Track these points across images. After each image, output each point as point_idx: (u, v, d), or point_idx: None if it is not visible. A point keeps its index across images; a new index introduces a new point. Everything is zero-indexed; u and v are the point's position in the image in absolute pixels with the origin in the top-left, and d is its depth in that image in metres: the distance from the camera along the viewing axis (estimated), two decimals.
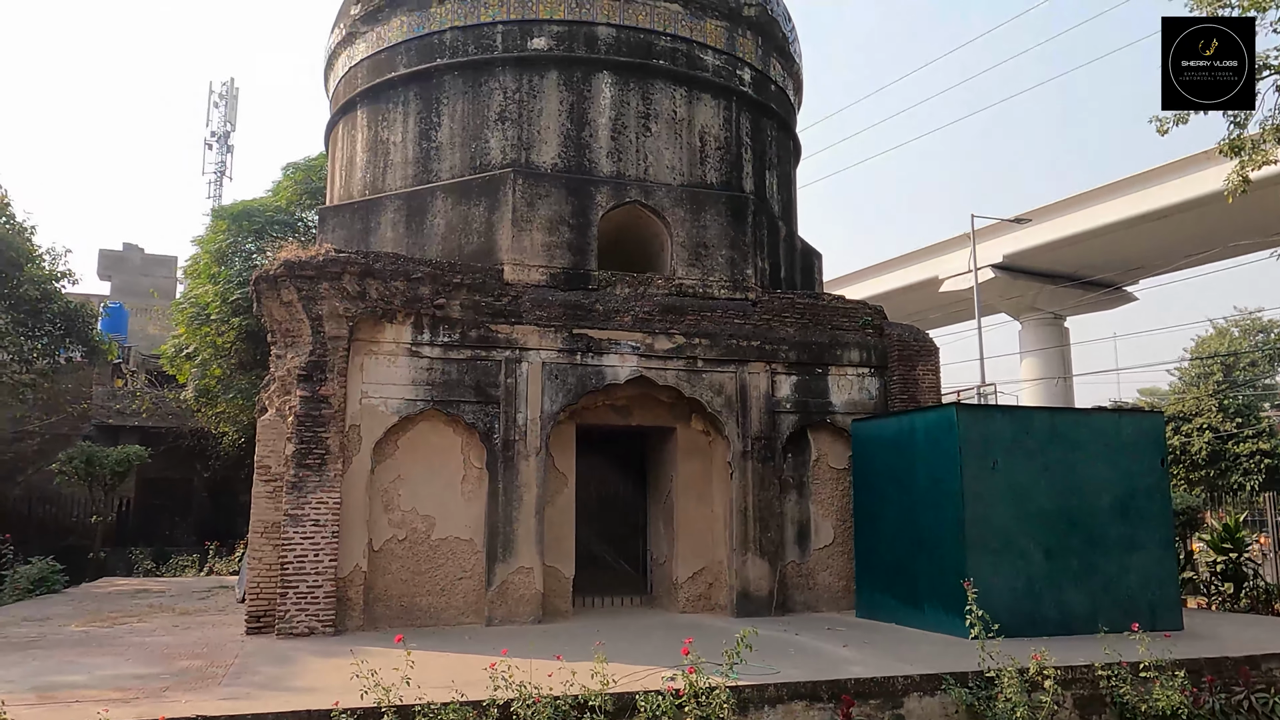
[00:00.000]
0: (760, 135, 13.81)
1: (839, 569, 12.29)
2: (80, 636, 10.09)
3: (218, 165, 46.54)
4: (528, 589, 10.83)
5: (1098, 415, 11.93)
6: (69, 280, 19.60)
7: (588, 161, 12.33)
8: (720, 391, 11.90)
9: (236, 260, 20.34)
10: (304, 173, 21.77)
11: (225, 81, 48.11)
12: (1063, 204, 31.02)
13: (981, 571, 9.49)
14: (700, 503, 12.19)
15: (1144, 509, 10.77)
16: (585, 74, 12.52)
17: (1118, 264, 33.11)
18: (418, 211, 12.22)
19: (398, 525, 10.71)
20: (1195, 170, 26.61)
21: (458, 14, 12.68)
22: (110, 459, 22.02)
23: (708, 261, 12.28)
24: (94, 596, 14.43)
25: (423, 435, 10.96)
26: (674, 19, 12.95)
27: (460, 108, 12.52)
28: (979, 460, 10.18)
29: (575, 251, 11.76)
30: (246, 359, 19.73)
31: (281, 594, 9.87)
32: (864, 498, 11.90)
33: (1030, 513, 10.28)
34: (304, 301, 10.39)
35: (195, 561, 20.61)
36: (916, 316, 36.45)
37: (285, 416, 10.52)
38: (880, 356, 12.83)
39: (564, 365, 11.32)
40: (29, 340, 18.93)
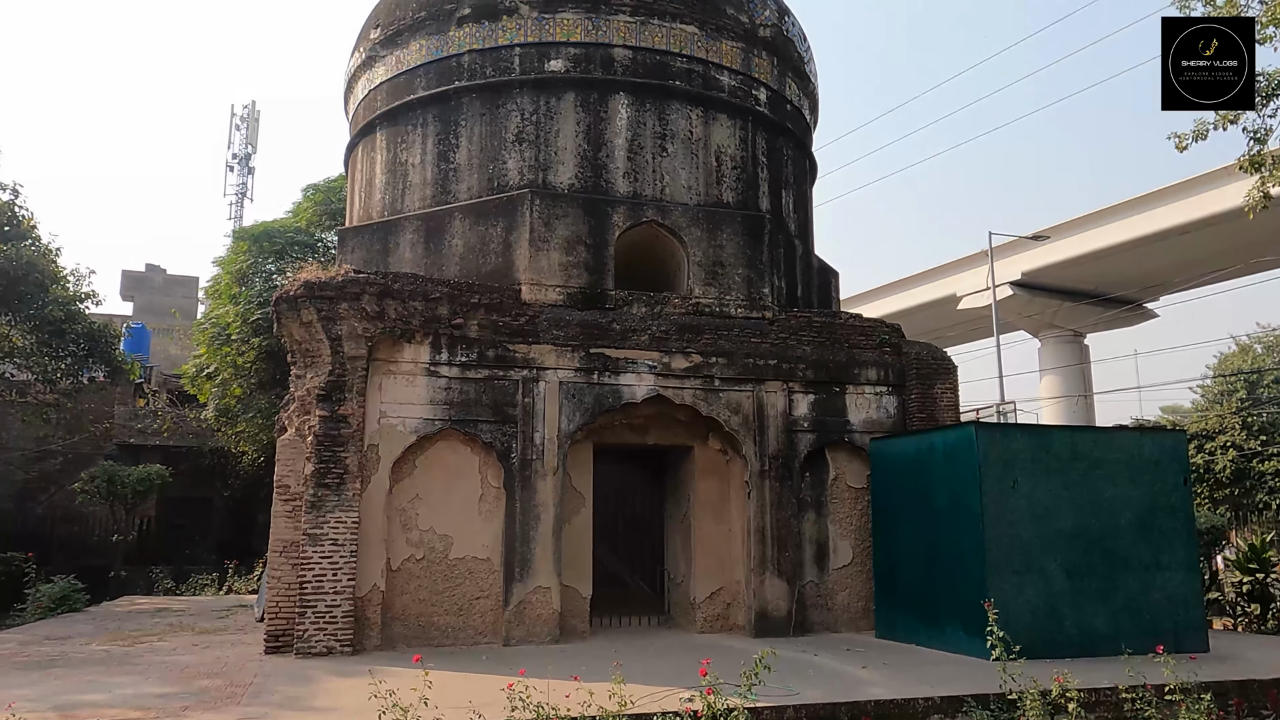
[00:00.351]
0: (776, 154, 13.85)
1: (858, 589, 12.20)
2: (101, 655, 10.16)
3: (239, 187, 47.12)
4: (545, 609, 10.81)
5: (1119, 434, 11.83)
6: (93, 301, 19.83)
7: (604, 182, 12.40)
8: (737, 410, 11.88)
9: (257, 281, 20.55)
10: (324, 194, 22.00)
11: (247, 104, 48.91)
12: (1082, 220, 30.88)
13: (1002, 592, 9.41)
14: (718, 522, 12.15)
15: (1167, 528, 10.66)
16: (602, 95, 12.61)
17: (1138, 281, 32.90)
18: (436, 232, 12.32)
19: (415, 545, 10.73)
20: (1216, 186, 26.45)
21: (475, 37, 12.82)
22: (132, 478, 22.21)
23: (724, 280, 12.30)
24: (115, 615, 14.52)
25: (440, 455, 10.99)
26: (690, 40, 13.04)
27: (478, 129, 12.63)
28: (999, 479, 10.11)
29: (592, 271, 11.81)
30: (266, 379, 19.88)
31: (300, 613, 9.90)
32: (883, 517, 11.83)
33: (1051, 532, 10.18)
34: (323, 322, 10.47)
35: (214, 580, 20.69)
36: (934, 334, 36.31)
37: (304, 436, 10.58)
38: (898, 375, 12.77)
39: (581, 384, 11.34)
40: (53, 360, 19.13)
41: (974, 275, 34.19)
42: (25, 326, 18.42)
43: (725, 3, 13.50)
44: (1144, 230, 29.01)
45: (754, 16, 13.71)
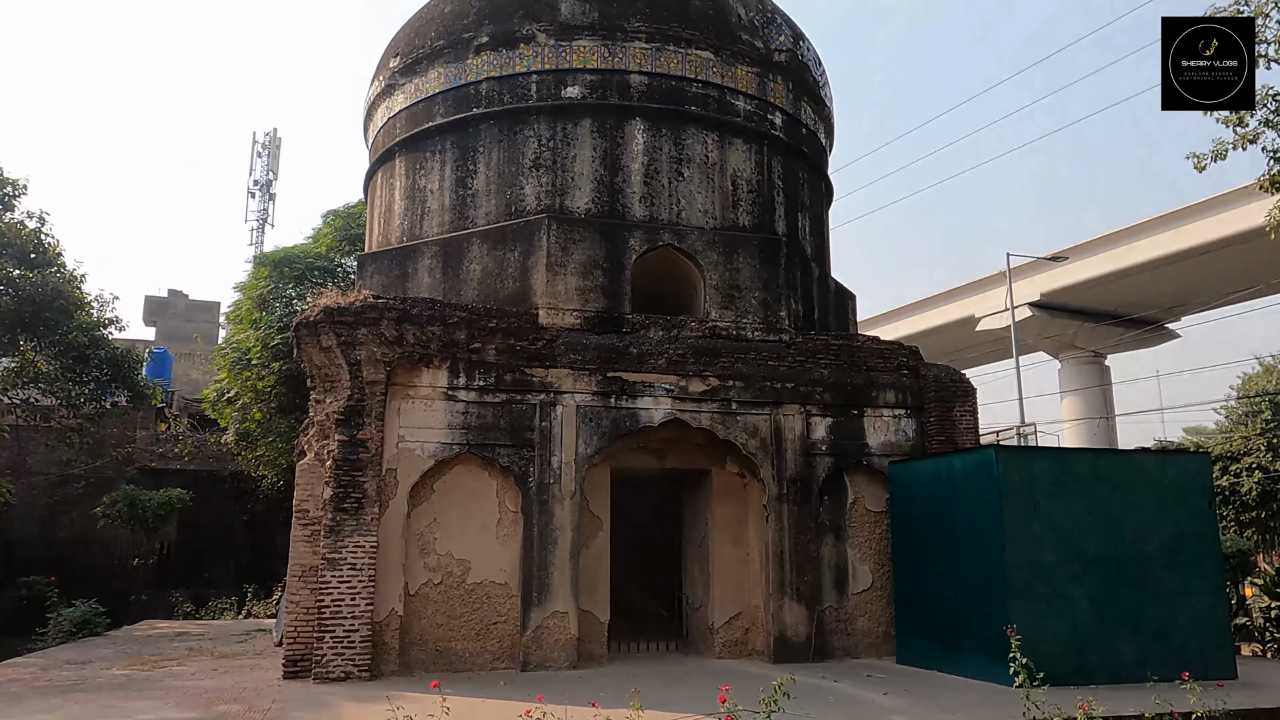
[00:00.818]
0: (792, 178, 13.89)
1: (878, 614, 12.08)
2: (122, 680, 10.19)
3: (260, 213, 47.67)
4: (563, 634, 10.77)
5: (1141, 456, 11.71)
6: (116, 327, 20.08)
7: (621, 206, 12.47)
8: (755, 434, 11.85)
9: (277, 306, 20.73)
10: (343, 220, 22.22)
11: (268, 132, 49.22)
12: (1101, 241, 30.71)
13: (1025, 617, 9.29)
14: (736, 546, 12.09)
15: (1192, 553, 10.51)
16: (618, 121, 12.71)
17: (1159, 301, 32.63)
18: (454, 257, 12.41)
19: (433, 569, 10.73)
20: (1237, 205, 26.25)
21: (493, 65, 12.97)
22: (153, 502, 22.38)
23: (741, 304, 12.31)
24: (135, 639, 14.58)
25: (458, 479, 11.02)
26: (705, 66, 13.14)
27: (496, 155, 12.75)
28: (1020, 503, 10.02)
29: (609, 295, 11.85)
30: (286, 403, 20.01)
31: (318, 638, 9.91)
32: (902, 541, 11.74)
33: (1074, 557, 10.06)
34: (343, 347, 10.55)
35: (233, 604, 20.77)
36: (952, 356, 36.14)
37: (323, 460, 10.63)
38: (916, 397, 12.71)
39: (598, 408, 11.35)
40: (76, 386, 19.35)
41: (992, 296, 34.01)
42: (50, 352, 18.66)
43: (740, 29, 13.61)
44: (1164, 250, 28.80)
45: (769, 42, 13.81)
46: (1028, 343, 34.68)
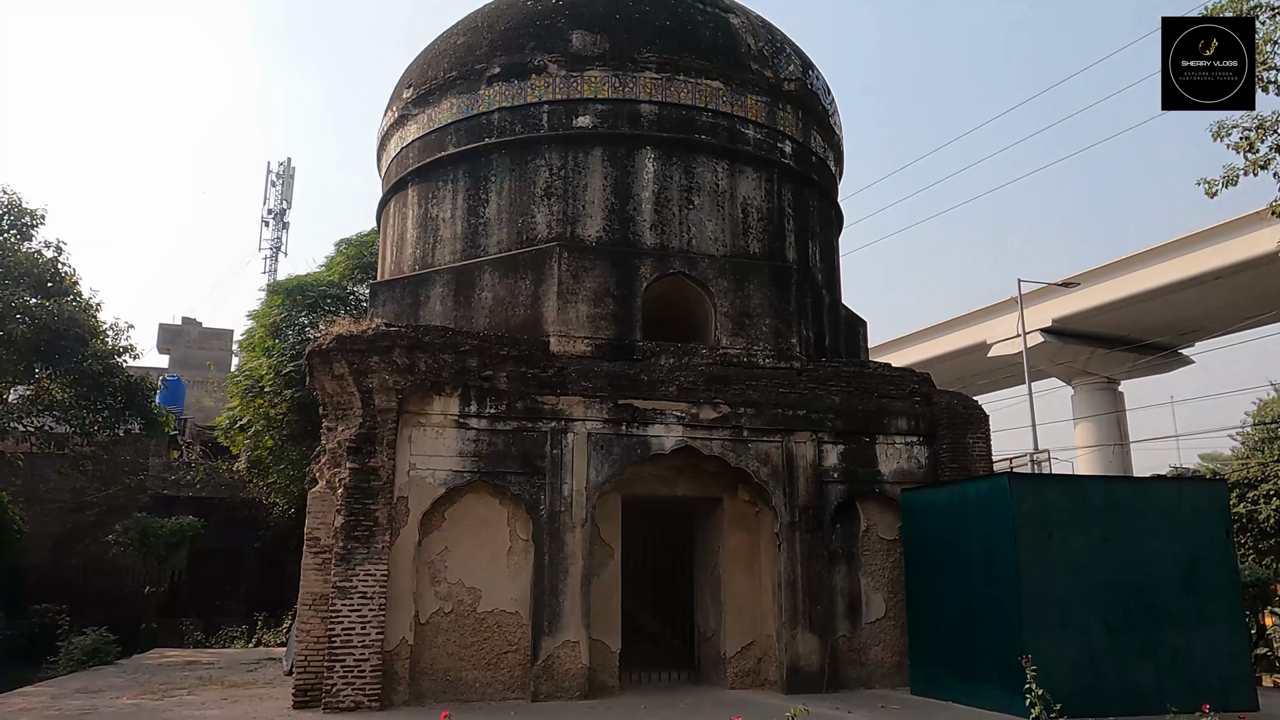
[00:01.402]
0: (802, 206, 13.94)
1: (892, 643, 11.96)
2: (131, 710, 10.16)
3: (274, 241, 48.01)
4: (574, 664, 10.69)
5: (1157, 484, 11.61)
6: (130, 355, 20.20)
7: (632, 234, 12.53)
8: (766, 461, 11.80)
9: (290, 334, 20.82)
10: (356, 248, 22.34)
11: (282, 161, 49.76)
12: (1113, 266, 30.66)
13: (1041, 647, 9.18)
14: (748, 575, 12.01)
15: (1210, 581, 10.40)
16: (629, 150, 12.80)
17: (1172, 327, 32.48)
18: (466, 285, 12.47)
19: (444, 598, 10.69)
20: (1250, 230, 26.18)
21: (505, 95, 13.10)
22: (165, 530, 22.42)
23: (752, 331, 12.31)
24: (145, 668, 14.54)
25: (469, 507, 11.00)
26: (715, 95, 13.24)
27: (507, 184, 12.85)
28: (1035, 532, 9.93)
29: (620, 323, 11.88)
30: (298, 430, 20.04)
31: (328, 667, 9.87)
32: (916, 570, 11.64)
33: (1090, 586, 9.96)
34: (355, 375, 10.59)
35: (243, 633, 20.70)
36: (964, 382, 36.00)
37: (335, 488, 10.64)
38: (929, 424, 12.65)
39: (609, 436, 11.34)
40: (90, 413, 19.45)
41: (1004, 322, 33.91)
42: (65, 380, 18.78)
43: (750, 58, 13.72)
44: (1177, 276, 28.73)
45: (779, 71, 13.91)
46: (1040, 369, 34.54)
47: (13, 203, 18.10)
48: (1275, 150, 11.34)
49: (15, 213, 18.16)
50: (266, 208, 48.69)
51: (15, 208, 18.13)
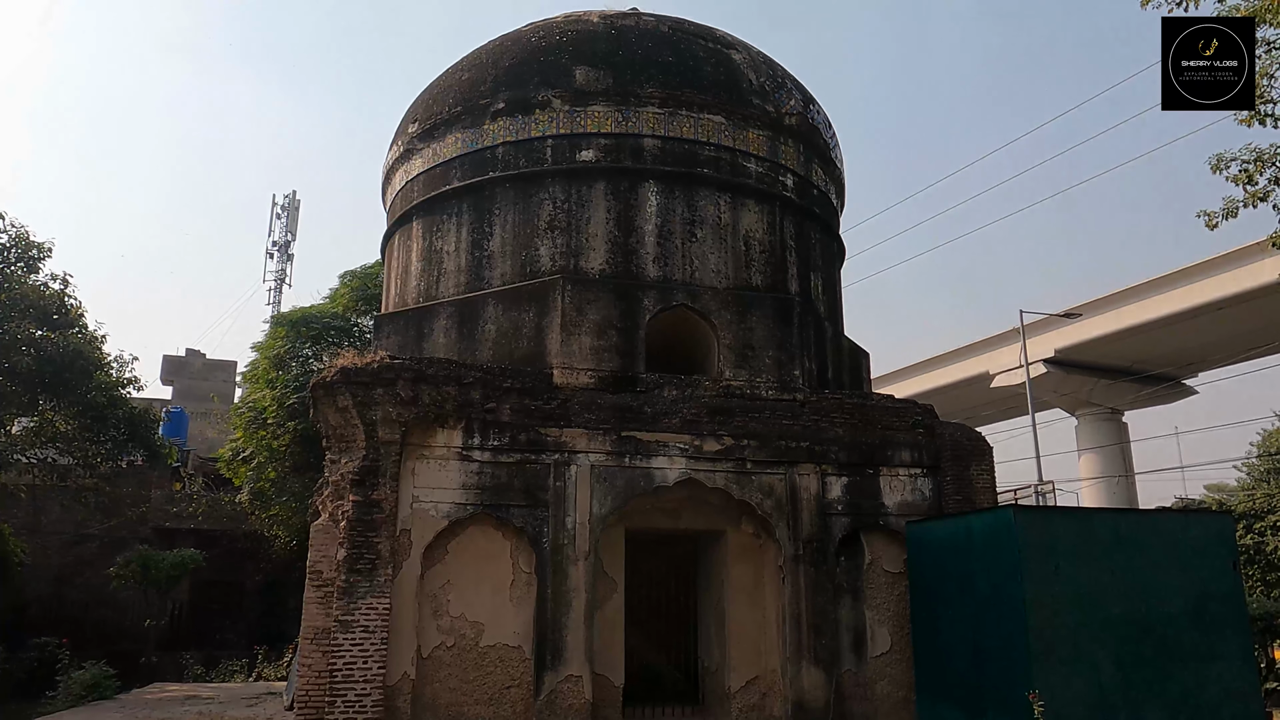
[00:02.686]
0: (804, 238, 14.02)
1: (898, 678, 11.85)
2: None
3: (278, 273, 48.19)
4: (577, 698, 10.60)
5: (1163, 516, 11.55)
6: (134, 386, 20.25)
7: (635, 267, 12.59)
8: (770, 493, 11.77)
9: (294, 365, 20.87)
10: (360, 280, 22.47)
11: (287, 194, 50.03)
12: (1115, 297, 30.75)
13: (1049, 682, 9.09)
14: (752, 608, 11.92)
15: (1218, 614, 10.30)
16: (632, 183, 12.91)
17: (1175, 357, 32.50)
18: (470, 318, 12.52)
19: (446, 632, 10.62)
20: (1251, 261, 26.29)
21: (509, 130, 13.24)
22: (166, 563, 22.35)
23: (755, 363, 12.33)
24: (145, 703, 14.43)
25: (472, 539, 10.96)
26: (717, 130, 13.37)
27: (511, 217, 12.94)
28: (1041, 564, 9.86)
29: (623, 355, 11.91)
30: (301, 462, 20.03)
31: (330, 702, 9.79)
32: (921, 603, 11.55)
33: (1098, 620, 9.87)
34: (358, 407, 10.61)
35: (244, 666, 20.56)
36: (967, 413, 35.95)
37: (338, 521, 10.62)
38: (933, 456, 12.63)
39: (613, 468, 11.32)
40: (94, 445, 19.48)
41: (1006, 353, 33.97)
42: (69, 412, 18.83)
43: (751, 93, 13.87)
44: (1178, 306, 28.81)
45: (780, 106, 14.06)
46: (1043, 399, 34.51)
47: (20, 235, 18.26)
48: (1274, 183, 11.41)
49: (22, 245, 18.31)
50: (271, 240, 48.96)
51: (22, 240, 18.29)
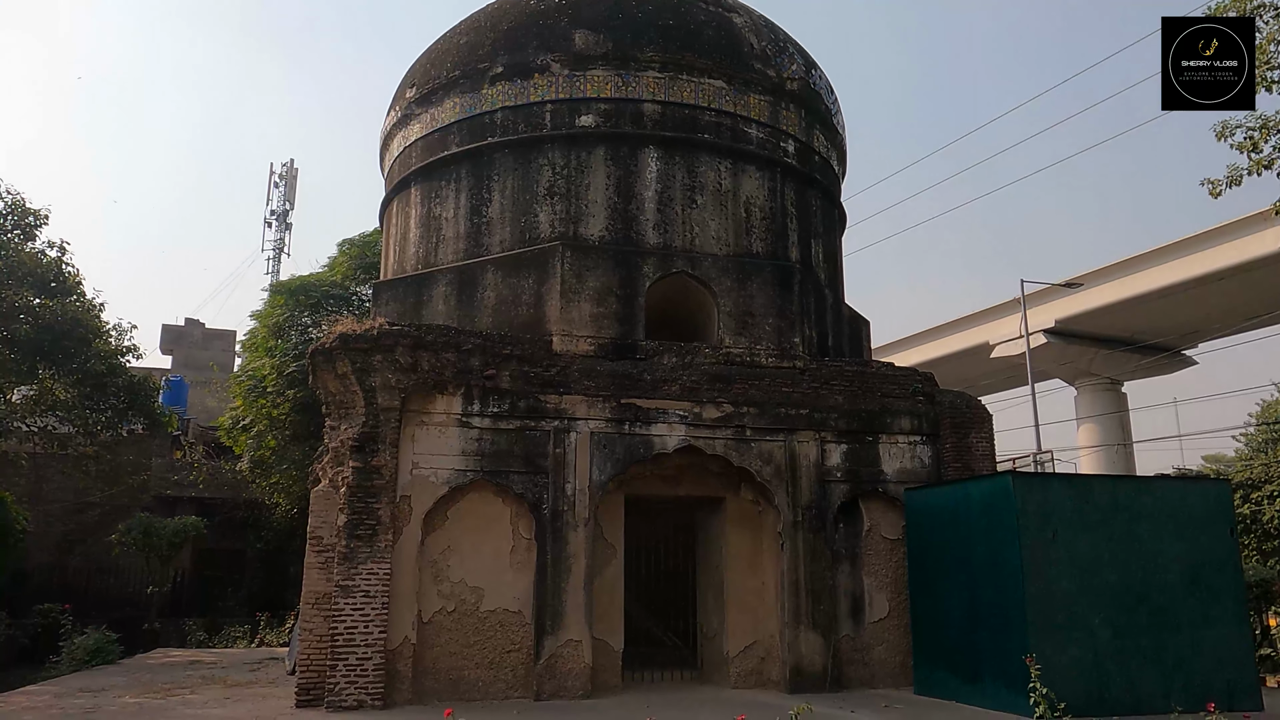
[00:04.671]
0: (805, 205, 13.93)
1: (895, 643, 11.94)
2: (134, 709, 10.16)
3: (276, 242, 47.91)
4: (576, 663, 10.68)
5: (1161, 483, 11.58)
6: (134, 355, 20.20)
7: (634, 233, 12.52)
8: (769, 460, 11.79)
9: (293, 334, 20.86)
10: (359, 249, 22.39)
11: (285, 163, 49.60)
12: (1116, 267, 30.63)
13: (1045, 648, 9.16)
14: (751, 574, 11.99)
15: (1214, 582, 10.38)
16: (631, 149, 12.80)
17: (1175, 328, 32.44)
18: (469, 284, 12.47)
19: (447, 597, 10.68)
20: (1252, 231, 26.17)
21: (508, 95, 13.11)
22: (167, 530, 22.40)
23: (755, 330, 12.30)
24: (148, 668, 14.53)
25: (472, 506, 10.99)
26: (718, 94, 13.23)
27: (510, 183, 12.85)
28: (1038, 531, 9.91)
29: (623, 322, 11.87)
30: (300, 431, 20.06)
31: (331, 666, 9.86)
32: (919, 569, 11.62)
33: (1094, 586, 9.94)
34: (358, 374, 10.59)
35: (246, 633, 20.69)
36: (967, 383, 35.91)
37: (338, 487, 10.64)
38: (932, 424, 12.63)
39: (612, 435, 11.33)
40: (94, 413, 19.46)
41: (1007, 323, 33.90)
42: (68, 380, 18.79)
43: (753, 58, 13.72)
44: (1180, 276, 28.70)
45: (781, 70, 13.91)
46: (1043, 370, 34.50)
47: (16, 203, 18.12)
48: (1279, 150, 11.31)
49: (19, 213, 18.16)
50: (269, 209, 48.65)
51: (19, 208, 18.14)
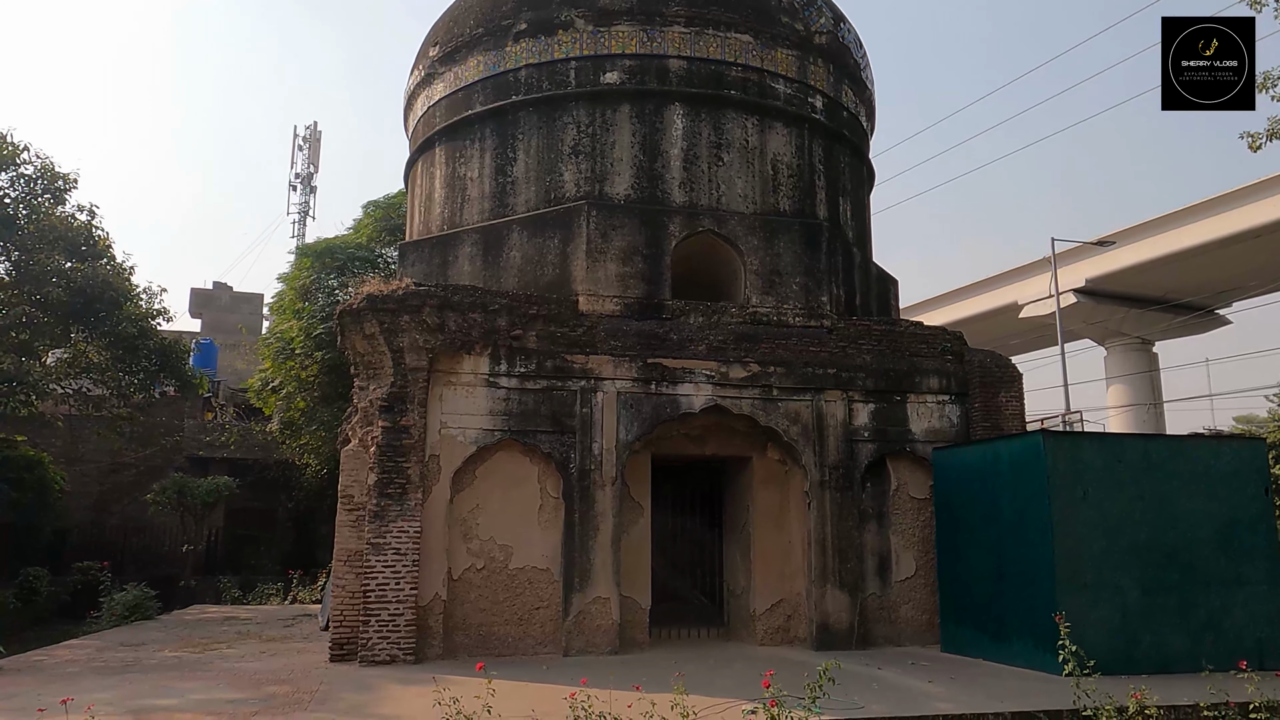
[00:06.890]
0: (833, 162, 13.74)
1: (921, 602, 11.96)
2: (173, 661, 10.41)
3: (301, 205, 48.12)
4: (605, 619, 10.79)
5: (1194, 443, 11.44)
6: (164, 318, 20.40)
7: (660, 192, 12.42)
8: (796, 420, 11.76)
9: (320, 296, 20.97)
10: (383, 210, 22.41)
11: (309, 125, 49.72)
12: (1149, 225, 30.02)
13: (1073, 606, 9.11)
14: (778, 533, 12.02)
15: (1247, 542, 10.27)
16: (657, 106, 12.65)
17: (1209, 286, 31.85)
18: (494, 245, 12.45)
19: (476, 554, 10.80)
20: None
21: (532, 52, 12.96)
22: (201, 489, 22.83)
23: (782, 289, 12.21)
24: (185, 623, 14.88)
25: (500, 465, 11.07)
26: (745, 49, 13.02)
27: (535, 142, 12.75)
28: (1069, 490, 9.84)
29: (649, 281, 11.82)
30: (329, 392, 20.26)
31: (364, 622, 10.03)
32: (947, 529, 11.59)
33: (1124, 546, 9.87)
34: (385, 334, 10.64)
35: (279, 590, 21.10)
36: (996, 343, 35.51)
37: (368, 447, 10.75)
38: (961, 383, 12.53)
39: (639, 395, 11.33)
40: (126, 375, 19.72)
41: (1036, 283, 33.39)
42: (101, 343, 19.03)
43: (780, 11, 13.46)
44: (1214, 234, 28.07)
45: (809, 24, 13.65)
46: (1073, 330, 34.03)
47: (45, 167, 18.23)
48: None
49: (48, 177, 18.27)
50: (294, 172, 48.79)
51: (48, 172, 18.25)
